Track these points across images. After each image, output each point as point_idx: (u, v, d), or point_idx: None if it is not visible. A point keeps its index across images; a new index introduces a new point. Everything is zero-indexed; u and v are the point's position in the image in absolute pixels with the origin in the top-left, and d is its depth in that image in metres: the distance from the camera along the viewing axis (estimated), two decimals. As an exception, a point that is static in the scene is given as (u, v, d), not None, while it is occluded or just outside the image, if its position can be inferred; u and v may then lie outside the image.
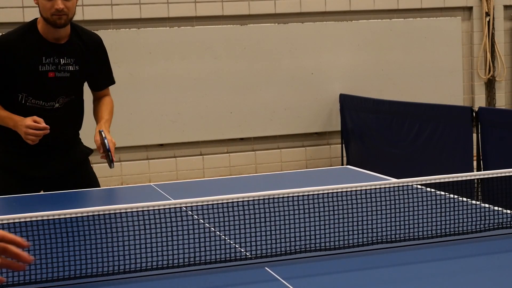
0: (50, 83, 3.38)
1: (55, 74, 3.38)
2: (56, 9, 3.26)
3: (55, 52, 3.38)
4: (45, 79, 3.36)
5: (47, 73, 3.37)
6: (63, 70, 3.40)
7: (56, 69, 3.38)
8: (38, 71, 3.35)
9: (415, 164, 5.71)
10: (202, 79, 6.66)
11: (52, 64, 3.38)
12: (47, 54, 3.37)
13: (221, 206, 2.15)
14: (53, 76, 3.38)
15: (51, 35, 3.37)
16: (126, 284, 1.93)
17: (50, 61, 3.37)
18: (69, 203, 3.11)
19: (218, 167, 6.79)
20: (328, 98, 6.99)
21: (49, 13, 3.28)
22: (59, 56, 3.39)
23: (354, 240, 2.13)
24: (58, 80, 3.39)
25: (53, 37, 3.38)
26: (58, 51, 3.39)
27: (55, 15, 3.28)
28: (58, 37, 3.38)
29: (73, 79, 3.43)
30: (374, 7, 7.14)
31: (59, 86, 3.40)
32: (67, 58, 3.41)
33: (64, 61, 3.40)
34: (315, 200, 2.18)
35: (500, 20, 7.58)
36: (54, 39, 3.38)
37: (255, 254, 2.06)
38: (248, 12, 6.78)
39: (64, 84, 3.41)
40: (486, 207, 2.35)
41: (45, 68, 3.37)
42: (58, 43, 3.39)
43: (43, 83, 3.37)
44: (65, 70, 3.40)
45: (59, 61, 3.39)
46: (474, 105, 7.33)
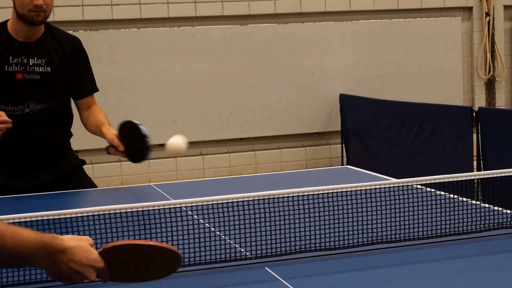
0: (17, 85, 3.14)
1: (23, 76, 3.15)
2: (35, 5, 3.07)
3: (24, 51, 3.16)
4: (12, 80, 3.13)
5: (14, 74, 3.14)
6: (33, 71, 3.17)
7: (25, 70, 3.15)
8: (4, 71, 3.13)
9: (415, 164, 5.71)
10: (202, 79, 6.66)
11: (20, 64, 3.15)
12: (14, 54, 3.14)
13: (221, 206, 2.15)
14: (21, 78, 3.14)
15: (22, 33, 3.16)
16: (126, 284, 1.93)
17: (18, 61, 3.15)
18: (69, 203, 3.11)
19: (218, 167, 6.79)
20: (328, 98, 6.99)
21: (27, 9, 3.08)
22: (28, 56, 3.15)
23: (354, 240, 2.13)
24: (27, 82, 3.15)
25: (23, 36, 3.16)
26: (27, 50, 3.16)
27: (33, 11, 3.09)
28: (30, 36, 3.17)
29: (44, 82, 3.18)
30: (374, 7, 7.14)
31: (28, 89, 3.16)
32: (37, 59, 3.17)
33: (33, 61, 3.17)
34: (315, 200, 2.18)
35: (500, 20, 7.58)
36: (24, 37, 3.17)
37: (255, 254, 2.06)
38: (248, 12, 6.78)
39: (34, 87, 3.16)
40: (486, 207, 2.35)
41: (12, 69, 3.14)
42: (28, 41, 3.17)
43: (9, 84, 3.14)
44: (35, 71, 3.17)
45: (28, 61, 3.16)
46: (474, 105, 7.33)
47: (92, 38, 6.22)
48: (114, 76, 6.33)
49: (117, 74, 6.36)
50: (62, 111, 3.33)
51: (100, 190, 3.42)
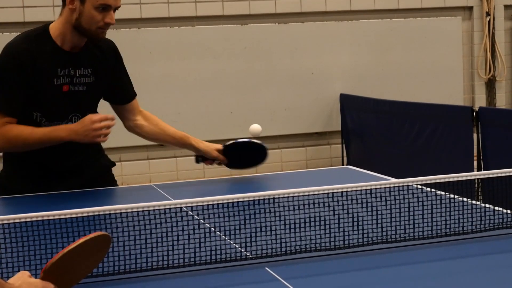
0: (63, 98, 2.95)
1: (69, 88, 2.95)
2: (106, 23, 2.90)
3: (70, 62, 2.95)
4: (59, 93, 2.93)
5: (61, 87, 2.93)
6: (79, 83, 2.97)
7: (71, 82, 2.96)
8: (52, 85, 2.92)
9: (415, 164, 5.71)
10: (202, 79, 6.66)
11: (67, 76, 2.95)
12: (62, 65, 2.93)
13: (221, 206, 2.15)
14: (67, 90, 2.95)
15: (71, 43, 2.94)
16: (126, 284, 1.93)
17: (65, 72, 2.94)
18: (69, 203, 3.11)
19: (218, 167, 6.78)
20: (328, 98, 6.99)
21: (97, 25, 2.88)
22: (75, 67, 2.96)
23: (354, 240, 2.13)
24: (72, 94, 2.96)
25: (70, 46, 2.95)
26: (74, 61, 2.96)
27: (100, 29, 2.91)
28: (77, 46, 2.97)
29: (89, 93, 3.01)
30: (374, 7, 7.14)
31: (73, 102, 2.97)
32: (84, 69, 2.98)
33: (80, 72, 2.97)
34: (315, 200, 2.18)
35: (501, 19, 7.58)
36: (70, 47, 2.96)
37: (255, 254, 2.06)
38: (249, 12, 6.78)
39: (79, 99, 2.98)
40: (486, 207, 2.35)
41: (60, 81, 2.93)
42: (74, 51, 2.97)
43: (56, 98, 2.93)
44: (81, 82, 2.98)
45: (74, 73, 2.96)
46: (475, 105, 7.33)
47: (92, 38, 6.22)
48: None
49: (117, 74, 6.35)
50: None
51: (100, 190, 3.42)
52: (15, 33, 6.14)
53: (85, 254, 1.67)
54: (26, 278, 1.62)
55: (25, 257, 1.96)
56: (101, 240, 1.70)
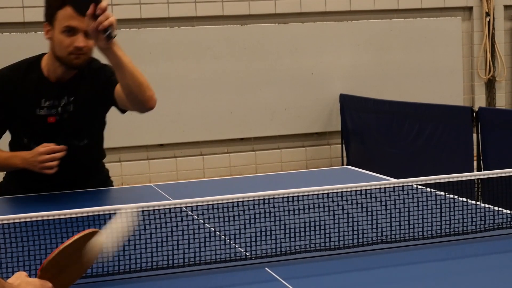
0: (49, 128, 2.95)
1: (55, 119, 2.95)
2: (76, 47, 2.82)
3: (56, 92, 2.95)
4: (43, 124, 2.95)
5: (46, 118, 2.95)
6: (64, 111, 2.96)
7: (57, 113, 2.95)
8: (35, 115, 2.93)
9: (415, 164, 5.71)
10: (202, 79, 6.66)
11: (52, 107, 2.95)
12: (47, 96, 2.94)
13: (221, 206, 2.15)
14: (54, 121, 2.95)
15: (56, 75, 2.94)
16: (126, 284, 1.93)
17: (50, 104, 2.94)
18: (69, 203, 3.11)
19: (218, 167, 6.79)
20: (328, 98, 6.99)
21: (67, 51, 2.83)
22: (60, 97, 2.95)
23: (354, 240, 2.13)
24: (59, 124, 2.96)
25: (56, 77, 2.95)
26: (59, 91, 2.95)
27: (73, 54, 2.84)
28: (64, 77, 2.95)
29: (71, 120, 2.98)
30: (374, 7, 7.14)
31: (60, 131, 2.97)
32: (67, 98, 2.96)
33: (64, 101, 2.96)
34: (315, 200, 2.18)
35: (500, 20, 7.58)
36: (57, 78, 2.95)
37: (255, 254, 2.06)
38: (248, 12, 6.78)
39: (64, 127, 2.98)
40: (486, 207, 2.35)
41: (43, 112, 2.94)
42: (61, 82, 2.96)
43: (41, 128, 2.95)
44: (66, 111, 2.97)
45: (59, 103, 2.95)
46: (474, 105, 7.33)
47: (92, 38, 6.22)
48: (114, 76, 6.33)
49: (117, 74, 6.35)
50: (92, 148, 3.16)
51: (100, 190, 3.42)
52: (15, 33, 6.16)
53: (80, 252, 1.67)
54: (24, 278, 1.63)
55: (24, 257, 1.96)
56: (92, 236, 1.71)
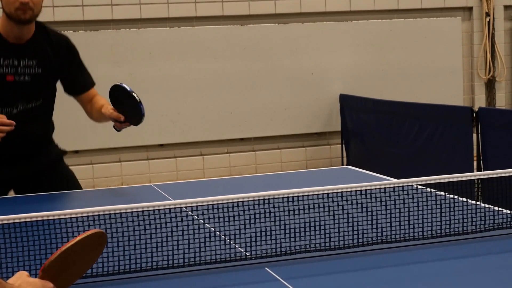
0: (7, 87, 3.10)
1: (14, 78, 3.11)
2: (21, 3, 3.01)
3: (14, 52, 3.11)
4: (2, 82, 3.10)
5: (4, 76, 3.10)
6: (23, 73, 3.12)
7: (16, 72, 3.11)
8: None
9: (415, 164, 5.71)
10: (202, 79, 6.66)
11: (11, 66, 3.11)
12: (5, 55, 3.10)
13: (221, 206, 2.15)
14: (12, 80, 3.10)
15: (12, 34, 3.11)
16: (126, 284, 1.93)
17: (9, 63, 3.10)
18: (69, 203, 3.11)
19: (218, 167, 6.79)
20: (328, 98, 6.99)
21: (13, 7, 3.03)
22: (19, 58, 3.12)
23: (354, 240, 2.13)
24: (17, 84, 3.12)
25: (14, 37, 3.12)
26: (18, 52, 3.12)
27: (19, 10, 3.02)
28: (20, 37, 3.12)
29: (35, 83, 3.16)
30: (374, 7, 7.14)
31: (18, 91, 3.13)
32: (28, 60, 3.13)
33: (24, 62, 3.13)
34: (315, 200, 2.18)
35: (500, 20, 7.58)
36: (15, 38, 3.12)
37: (255, 254, 2.06)
38: (248, 12, 6.78)
39: (25, 89, 3.14)
40: (486, 207, 2.35)
41: (2, 71, 3.10)
42: (19, 43, 3.13)
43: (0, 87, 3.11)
44: (26, 73, 3.13)
45: (18, 63, 3.12)
46: (474, 105, 7.33)
47: (92, 38, 6.22)
48: (114, 76, 6.32)
49: (117, 74, 6.36)
50: (46, 108, 3.30)
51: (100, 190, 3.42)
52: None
53: (82, 252, 1.67)
54: (25, 278, 1.63)
55: (24, 257, 1.96)
56: (97, 238, 1.71)
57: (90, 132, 3.59)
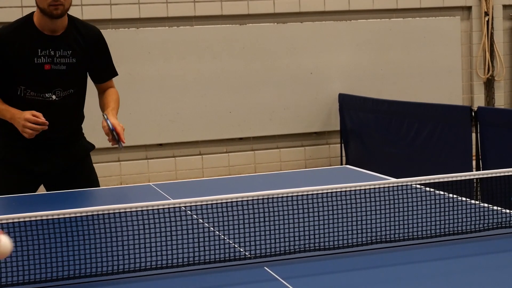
0: (46, 75, 3.37)
1: (51, 67, 3.37)
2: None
3: (50, 44, 3.38)
4: (41, 71, 3.36)
5: (43, 66, 3.36)
6: (59, 62, 3.39)
7: (52, 62, 3.38)
8: (33, 63, 3.35)
9: (414, 163, 5.71)
10: (201, 79, 6.66)
11: (48, 56, 3.37)
12: (42, 47, 3.36)
13: (220, 206, 2.15)
14: (49, 68, 3.37)
15: (47, 27, 3.36)
16: (126, 284, 1.93)
17: (46, 53, 3.37)
18: (69, 203, 3.11)
19: (217, 167, 6.79)
20: (327, 98, 6.99)
21: (46, 3, 3.27)
22: (55, 49, 3.38)
23: (354, 240, 2.13)
24: (54, 72, 3.38)
25: (49, 29, 3.37)
26: (53, 43, 3.38)
27: (52, 6, 3.27)
28: (54, 29, 3.38)
29: (70, 71, 3.42)
30: (373, 7, 7.14)
31: (55, 78, 3.39)
32: (63, 51, 3.40)
33: (60, 53, 3.39)
34: (315, 200, 2.18)
35: (499, 19, 7.58)
36: (50, 31, 3.38)
37: (254, 254, 2.06)
38: (247, 12, 6.78)
39: (61, 76, 3.40)
40: (485, 207, 2.35)
41: (41, 61, 3.36)
42: (54, 35, 3.39)
43: (39, 75, 3.36)
44: (61, 62, 3.40)
45: (54, 53, 3.38)
46: (473, 104, 7.33)
47: (91, 37, 6.22)
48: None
49: (116, 73, 6.35)
50: (80, 95, 3.54)
51: (99, 190, 3.42)
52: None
53: None
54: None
55: (24, 257, 1.96)
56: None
57: (88, 132, 3.61)
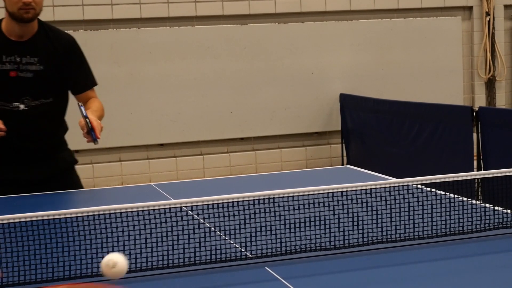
0: (11, 82, 3.23)
1: (16, 74, 3.23)
2: (24, 3, 3.13)
3: (17, 50, 3.24)
4: (6, 78, 3.22)
5: (8, 72, 3.22)
6: (25, 69, 3.25)
7: (18, 69, 3.24)
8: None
9: (415, 163, 5.71)
10: (202, 79, 6.66)
11: (14, 63, 3.23)
12: (8, 53, 3.23)
13: (221, 206, 2.15)
14: (15, 75, 3.23)
15: (14, 32, 3.24)
16: (126, 284, 1.93)
17: (12, 59, 3.23)
18: (69, 203, 3.11)
19: (218, 167, 6.79)
20: (328, 98, 6.99)
21: (16, 7, 3.15)
22: (21, 55, 3.24)
23: (354, 240, 2.13)
24: (21, 80, 3.23)
25: (16, 35, 3.24)
26: (20, 49, 3.24)
27: (22, 9, 3.15)
28: (22, 35, 3.25)
29: (38, 79, 3.26)
30: (374, 7, 7.14)
31: (22, 86, 3.24)
32: (30, 57, 3.25)
33: (26, 59, 3.25)
34: (315, 200, 2.18)
35: (500, 19, 7.58)
36: (17, 36, 3.25)
37: (255, 253, 2.06)
38: (248, 12, 6.78)
39: (28, 84, 3.25)
40: (486, 207, 2.35)
41: (5, 67, 3.22)
42: (21, 40, 3.25)
43: (4, 82, 3.22)
44: (28, 69, 3.25)
45: (20, 60, 3.24)
46: (474, 104, 7.33)
47: (92, 38, 6.22)
48: (114, 76, 6.33)
49: (117, 73, 6.36)
50: (57, 107, 3.38)
51: (100, 190, 3.42)
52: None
53: None
54: None
55: (25, 257, 1.96)
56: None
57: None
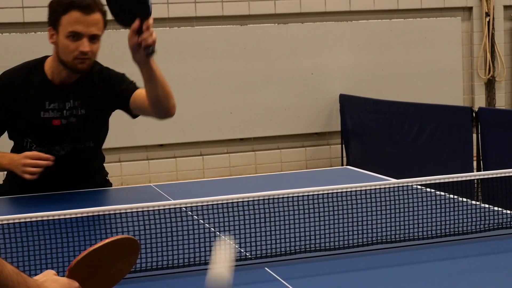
0: (54, 130, 3.00)
1: (60, 122, 3.00)
2: (81, 52, 2.86)
3: (60, 95, 2.99)
4: (48, 127, 2.99)
5: (50, 121, 2.99)
6: (69, 115, 3.01)
7: (62, 116, 3.00)
8: (40, 117, 2.98)
9: (415, 164, 5.71)
10: (202, 79, 6.66)
11: (57, 110, 2.99)
12: (51, 99, 2.98)
13: (221, 206, 2.15)
14: (59, 124, 3.00)
15: (60, 77, 2.98)
16: (126, 284, 1.93)
17: (55, 106, 2.99)
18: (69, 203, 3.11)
19: (218, 168, 6.79)
20: (328, 99, 6.99)
21: (72, 56, 2.87)
22: (65, 100, 3.00)
23: (354, 240, 2.13)
24: (64, 127, 3.01)
25: (60, 80, 2.99)
26: (63, 94, 2.99)
27: (78, 59, 2.88)
28: (68, 80, 3.00)
29: (81, 124, 3.03)
30: (374, 8, 7.14)
31: (64, 133, 3.02)
32: (73, 101, 3.01)
33: (70, 105, 3.00)
34: (315, 200, 2.18)
35: (500, 20, 7.58)
36: (61, 82, 3.00)
37: (254, 254, 2.06)
38: (248, 13, 6.78)
39: (71, 131, 3.03)
40: (486, 207, 2.35)
41: (48, 115, 2.99)
42: (64, 85, 3.00)
43: (46, 130, 3.00)
44: (72, 115, 3.01)
45: (64, 106, 3.00)
46: (474, 105, 7.33)
47: (92, 38, 6.22)
48: (114, 76, 6.33)
49: (117, 74, 6.35)
50: (98, 149, 3.23)
51: (100, 190, 3.42)
52: (15, 33, 6.16)
53: (112, 257, 1.61)
54: (51, 276, 1.60)
55: (24, 257, 1.96)
56: (129, 244, 1.63)
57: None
